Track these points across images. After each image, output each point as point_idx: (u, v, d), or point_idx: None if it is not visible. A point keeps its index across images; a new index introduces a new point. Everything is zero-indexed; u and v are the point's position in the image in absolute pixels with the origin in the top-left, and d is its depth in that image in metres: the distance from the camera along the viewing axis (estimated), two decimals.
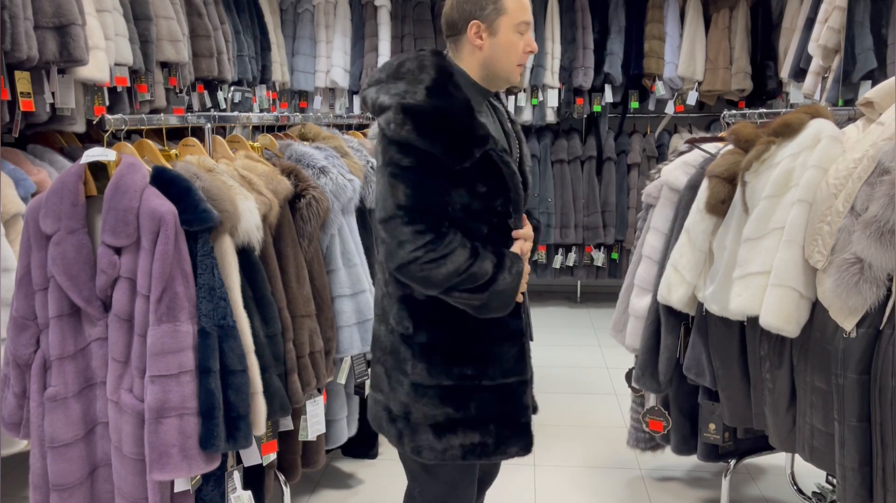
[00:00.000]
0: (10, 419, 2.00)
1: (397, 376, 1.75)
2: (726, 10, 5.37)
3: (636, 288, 2.65)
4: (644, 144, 5.60)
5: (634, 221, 5.39)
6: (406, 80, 1.65)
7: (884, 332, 1.85)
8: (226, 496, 2.07)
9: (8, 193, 2.35)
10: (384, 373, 1.79)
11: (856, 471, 1.91)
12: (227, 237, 1.98)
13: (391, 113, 1.61)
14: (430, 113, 1.61)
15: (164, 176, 1.91)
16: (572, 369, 4.45)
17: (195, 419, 1.83)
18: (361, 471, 3.15)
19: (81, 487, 1.94)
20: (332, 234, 2.54)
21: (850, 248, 1.86)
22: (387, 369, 1.78)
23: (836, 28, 3.98)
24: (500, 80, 1.75)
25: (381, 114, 1.64)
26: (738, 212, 2.20)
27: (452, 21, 1.71)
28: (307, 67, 5.71)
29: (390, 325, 1.76)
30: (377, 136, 1.68)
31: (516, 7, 1.71)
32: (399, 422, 1.76)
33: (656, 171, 2.82)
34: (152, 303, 1.80)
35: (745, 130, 2.29)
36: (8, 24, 2.34)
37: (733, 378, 2.31)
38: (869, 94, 2.12)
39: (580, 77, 5.42)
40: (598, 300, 6.00)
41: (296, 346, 2.28)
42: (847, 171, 1.95)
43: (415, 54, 1.72)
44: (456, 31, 1.71)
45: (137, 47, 3.30)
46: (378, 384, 1.82)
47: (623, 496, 2.95)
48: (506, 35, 1.70)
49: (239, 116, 2.68)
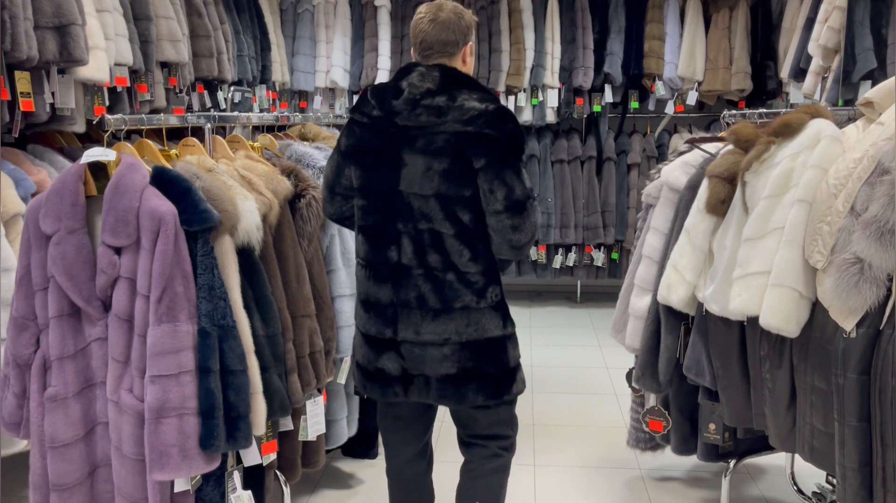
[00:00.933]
0: (10, 419, 2.00)
1: (490, 342, 2.06)
2: (726, 10, 5.37)
3: (636, 288, 2.65)
4: (644, 144, 5.60)
5: (634, 221, 5.39)
6: (469, 88, 1.99)
7: (884, 332, 1.85)
8: (226, 496, 2.07)
9: (8, 193, 2.36)
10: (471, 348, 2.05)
11: (856, 471, 1.91)
12: (227, 237, 1.98)
13: (502, 116, 1.96)
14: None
15: (164, 176, 1.91)
16: (572, 369, 4.45)
17: (195, 419, 1.83)
18: (361, 471, 3.15)
19: (81, 487, 1.94)
20: (332, 234, 2.54)
21: (850, 248, 1.86)
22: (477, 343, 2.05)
23: (836, 28, 3.98)
24: None
25: (479, 118, 1.94)
26: (738, 212, 2.20)
27: (454, 41, 2.04)
28: (307, 67, 5.71)
29: (476, 303, 2.03)
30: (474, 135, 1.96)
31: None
32: (497, 378, 2.07)
33: (656, 171, 2.82)
34: (152, 303, 1.80)
35: (745, 130, 2.29)
36: (8, 24, 2.34)
37: (733, 378, 2.31)
38: (869, 94, 2.12)
39: (580, 77, 5.42)
40: (598, 300, 6.00)
41: (296, 346, 2.28)
42: (847, 171, 1.95)
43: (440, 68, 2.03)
44: (456, 49, 2.06)
45: (137, 47, 3.30)
46: (460, 363, 2.04)
47: (623, 496, 2.95)
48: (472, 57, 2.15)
49: (239, 116, 2.68)
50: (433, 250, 2.00)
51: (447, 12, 2.04)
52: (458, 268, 2.00)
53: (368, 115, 2.04)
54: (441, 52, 2.03)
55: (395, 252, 2.03)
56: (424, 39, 2.04)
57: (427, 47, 2.04)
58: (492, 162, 1.95)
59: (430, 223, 1.99)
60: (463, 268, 2.01)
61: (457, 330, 2.02)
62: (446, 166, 1.96)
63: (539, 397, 3.97)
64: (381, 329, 2.07)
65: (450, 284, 2.01)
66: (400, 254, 2.02)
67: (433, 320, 2.02)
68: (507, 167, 1.96)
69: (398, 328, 2.05)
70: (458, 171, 1.97)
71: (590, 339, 5.05)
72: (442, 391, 2.06)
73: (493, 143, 1.95)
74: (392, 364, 2.07)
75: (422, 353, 2.04)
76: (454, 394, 2.06)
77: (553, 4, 5.48)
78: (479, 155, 1.95)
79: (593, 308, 5.85)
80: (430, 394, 2.07)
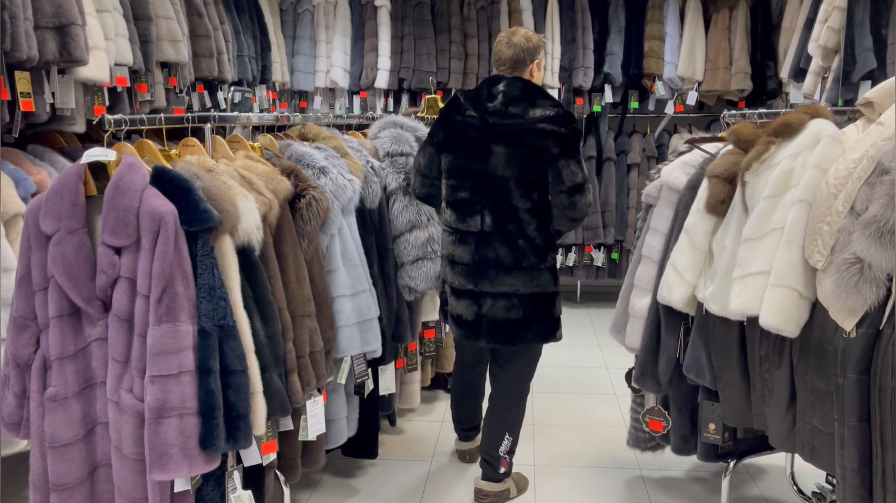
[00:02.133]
0: (10, 419, 2.00)
1: (546, 296, 2.65)
2: (726, 10, 5.37)
3: (636, 288, 2.65)
4: (644, 144, 5.60)
5: (634, 221, 5.39)
6: (543, 97, 2.57)
7: (884, 332, 1.85)
8: (226, 496, 2.07)
9: (8, 193, 2.36)
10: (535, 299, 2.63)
11: (856, 471, 1.91)
12: (227, 237, 1.98)
13: (569, 118, 2.54)
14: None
15: (164, 176, 1.91)
16: (572, 369, 4.45)
17: (195, 419, 1.83)
18: (361, 471, 3.15)
19: (81, 487, 1.94)
20: (332, 234, 2.54)
21: (849, 248, 1.86)
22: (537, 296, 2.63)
23: (835, 28, 3.98)
24: None
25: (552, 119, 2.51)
26: (738, 212, 2.20)
27: (523, 59, 2.64)
28: (307, 67, 5.71)
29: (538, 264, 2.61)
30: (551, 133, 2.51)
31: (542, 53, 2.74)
32: (549, 324, 2.68)
33: (656, 171, 2.82)
34: (152, 303, 1.80)
35: (745, 130, 2.29)
36: (8, 24, 2.34)
37: (733, 378, 2.31)
38: (869, 94, 2.12)
39: (580, 77, 5.42)
40: (598, 300, 6.00)
41: (296, 346, 2.28)
42: (847, 171, 1.95)
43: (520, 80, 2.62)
44: (525, 66, 2.65)
45: (137, 47, 3.30)
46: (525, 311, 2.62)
47: (623, 496, 2.95)
48: (541, 70, 2.73)
49: (239, 116, 2.68)
50: (510, 220, 2.57)
51: (519, 37, 2.65)
52: (527, 235, 2.58)
53: (462, 114, 2.63)
54: (513, 68, 2.64)
55: (479, 221, 2.61)
56: (500, 58, 2.65)
57: (502, 63, 2.65)
58: (561, 153, 2.51)
59: (509, 199, 2.56)
60: (531, 236, 2.58)
61: (523, 283, 2.59)
62: (525, 155, 2.53)
63: (539, 397, 3.97)
64: (463, 282, 2.66)
65: (520, 247, 2.58)
66: (482, 222, 2.60)
67: (507, 275, 2.59)
68: (571, 157, 2.53)
69: (478, 281, 2.62)
70: (533, 159, 2.53)
71: (590, 339, 5.05)
72: (507, 332, 2.63)
73: (562, 138, 2.51)
74: (468, 311, 2.66)
75: (494, 302, 2.61)
76: (516, 334, 2.63)
77: (553, 4, 5.48)
78: (551, 147, 2.50)
79: (593, 308, 5.85)
80: (495, 337, 2.65)
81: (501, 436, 2.79)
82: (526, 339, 2.66)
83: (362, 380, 2.72)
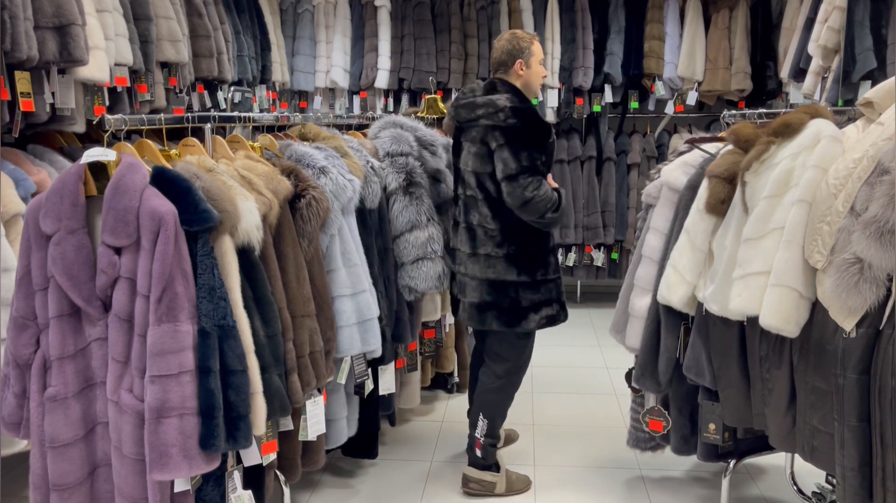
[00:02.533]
0: (10, 419, 2.00)
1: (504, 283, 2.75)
2: (726, 10, 5.37)
3: (636, 288, 2.65)
4: (644, 144, 5.60)
5: (634, 221, 5.39)
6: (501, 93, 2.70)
7: (884, 332, 1.85)
8: (226, 496, 2.07)
9: (8, 193, 2.36)
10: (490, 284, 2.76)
11: (856, 471, 1.91)
12: (227, 237, 1.98)
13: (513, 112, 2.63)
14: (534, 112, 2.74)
15: (164, 176, 1.91)
16: (572, 369, 4.45)
17: (195, 419, 1.83)
18: (361, 471, 3.15)
19: (81, 487, 1.94)
20: (332, 234, 2.54)
21: (849, 248, 1.86)
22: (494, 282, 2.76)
23: (835, 28, 3.99)
24: (531, 94, 2.83)
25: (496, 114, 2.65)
26: (738, 212, 2.20)
27: (504, 61, 2.78)
28: (307, 67, 5.71)
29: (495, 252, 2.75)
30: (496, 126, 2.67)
31: (538, 50, 2.83)
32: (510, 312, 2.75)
33: (656, 171, 2.82)
34: (152, 303, 1.80)
35: (745, 130, 2.29)
36: (8, 24, 2.34)
37: (733, 378, 2.31)
38: (869, 94, 2.12)
39: (580, 77, 5.42)
40: (598, 300, 6.00)
41: (296, 346, 2.28)
42: (847, 171, 1.95)
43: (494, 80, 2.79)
44: (507, 66, 2.78)
45: (137, 47, 3.30)
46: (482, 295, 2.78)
47: (623, 496, 2.95)
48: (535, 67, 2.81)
49: (239, 116, 2.68)
50: (472, 211, 2.78)
51: (503, 40, 2.80)
52: (484, 225, 2.75)
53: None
54: (497, 69, 2.82)
55: (457, 211, 2.89)
56: (490, 59, 2.86)
57: (492, 65, 2.85)
58: (501, 144, 2.65)
59: (471, 191, 2.77)
60: (487, 226, 2.75)
61: (480, 269, 2.77)
62: (477, 149, 2.73)
63: (539, 397, 3.97)
64: (454, 266, 2.92)
65: (478, 236, 2.77)
66: (458, 213, 2.87)
67: (468, 260, 2.81)
68: (509, 147, 2.63)
69: (457, 265, 2.89)
70: (484, 152, 2.71)
71: (590, 339, 5.04)
72: (471, 313, 2.82)
73: (503, 129, 2.64)
74: (456, 291, 2.93)
75: (464, 284, 2.85)
76: (478, 316, 2.80)
77: (553, 4, 5.48)
78: (497, 139, 2.65)
79: (593, 308, 5.85)
80: (464, 317, 2.86)
81: (477, 417, 2.90)
82: (485, 323, 2.79)
83: (362, 380, 2.72)
